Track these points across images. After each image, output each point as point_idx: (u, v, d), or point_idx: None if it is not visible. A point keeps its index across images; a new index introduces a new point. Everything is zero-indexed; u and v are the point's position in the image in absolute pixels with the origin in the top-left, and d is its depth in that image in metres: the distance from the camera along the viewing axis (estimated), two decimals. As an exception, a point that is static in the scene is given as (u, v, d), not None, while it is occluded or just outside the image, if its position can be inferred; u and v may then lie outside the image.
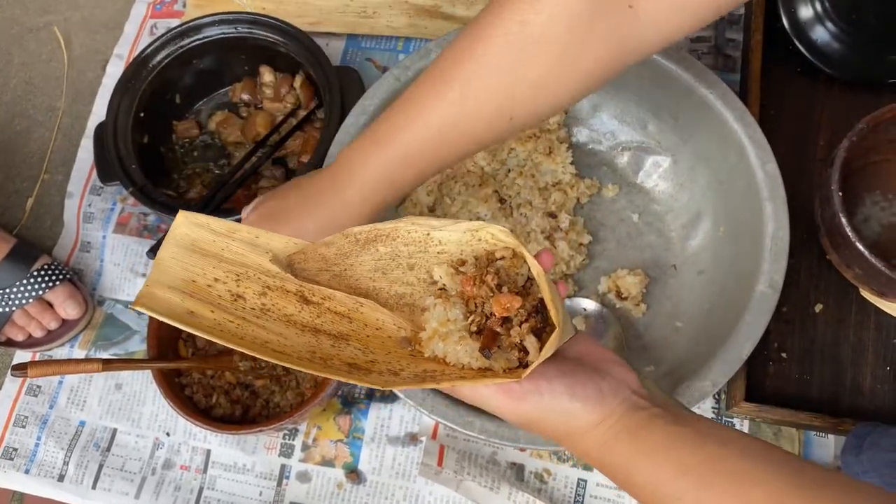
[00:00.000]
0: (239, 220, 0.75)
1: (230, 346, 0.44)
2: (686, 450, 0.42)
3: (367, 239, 0.47)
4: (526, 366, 0.43)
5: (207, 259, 0.48)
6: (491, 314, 0.44)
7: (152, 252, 0.71)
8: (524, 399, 0.42)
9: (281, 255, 0.48)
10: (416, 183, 0.56)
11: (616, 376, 0.45)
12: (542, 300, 0.44)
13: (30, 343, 0.82)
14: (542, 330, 0.44)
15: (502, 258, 0.45)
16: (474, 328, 0.44)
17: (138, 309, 0.44)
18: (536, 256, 0.43)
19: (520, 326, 0.43)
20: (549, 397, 0.43)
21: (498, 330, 0.44)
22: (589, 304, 0.76)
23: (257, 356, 0.44)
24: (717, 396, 0.77)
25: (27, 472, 0.79)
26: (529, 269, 0.45)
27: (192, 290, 0.46)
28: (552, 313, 0.42)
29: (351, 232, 0.47)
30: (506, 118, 0.52)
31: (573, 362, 0.45)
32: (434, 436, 0.77)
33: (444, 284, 0.46)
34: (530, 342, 0.43)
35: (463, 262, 0.46)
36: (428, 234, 0.46)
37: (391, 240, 0.47)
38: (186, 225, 0.48)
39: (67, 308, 0.81)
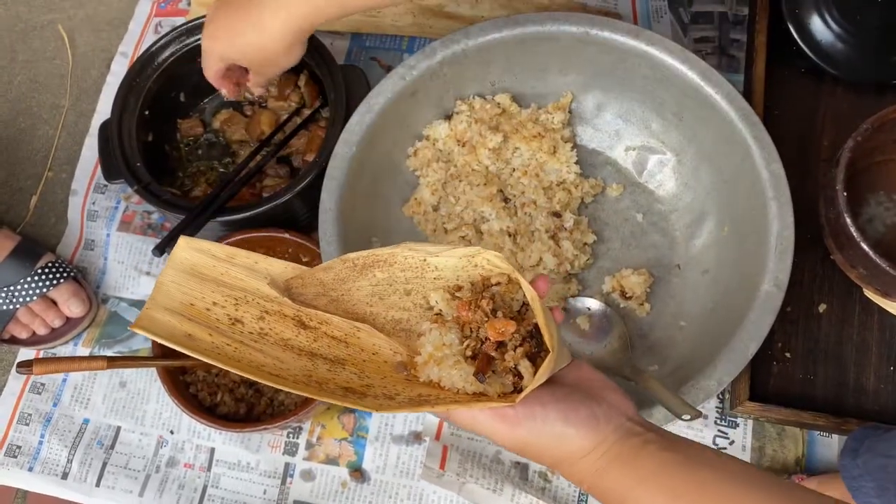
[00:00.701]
0: (244, 219, 0.75)
1: (227, 368, 0.45)
2: (678, 476, 0.42)
3: (364, 264, 0.48)
4: (520, 391, 0.43)
5: (206, 283, 0.48)
6: (486, 339, 0.45)
7: (158, 250, 0.71)
8: (518, 424, 0.43)
9: (279, 280, 0.49)
10: (338, 9, 0.64)
11: (611, 402, 0.45)
12: (536, 326, 0.45)
13: (33, 341, 0.82)
14: (537, 355, 0.45)
15: (498, 284, 0.46)
16: (469, 353, 0.45)
17: (137, 331, 0.45)
18: (531, 282, 0.44)
19: (514, 351, 0.44)
20: (543, 422, 0.43)
21: (493, 354, 0.44)
22: (593, 304, 0.76)
23: (254, 379, 0.45)
24: (720, 396, 0.77)
25: (31, 469, 0.79)
26: (524, 295, 0.45)
27: (191, 314, 0.47)
28: (546, 338, 0.42)
29: (349, 257, 0.48)
30: None
31: (568, 388, 0.45)
32: (438, 436, 0.77)
33: (441, 310, 0.47)
34: (524, 366, 0.43)
35: (459, 288, 0.47)
36: (424, 260, 0.47)
37: (388, 265, 0.48)
38: (187, 250, 0.49)
39: (71, 306, 0.81)
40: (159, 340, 0.45)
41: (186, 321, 0.46)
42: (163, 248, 0.72)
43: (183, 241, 0.49)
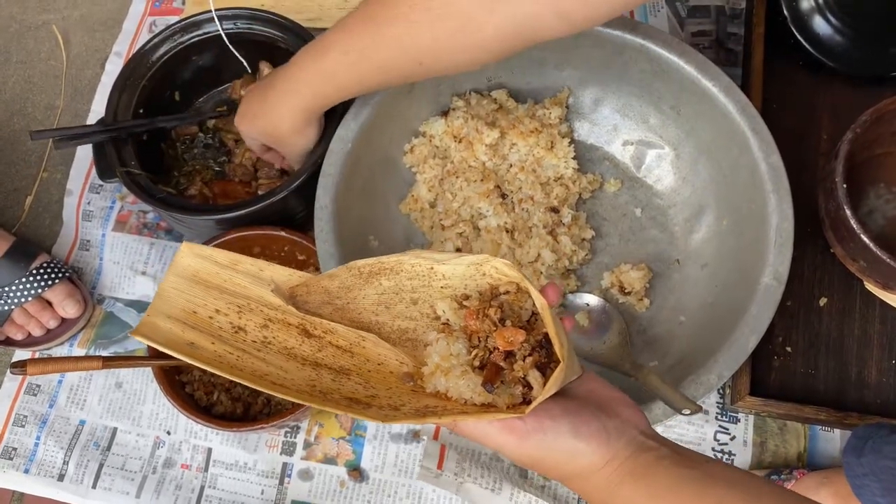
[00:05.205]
0: (240, 216, 0.74)
1: (229, 377, 0.44)
2: (692, 493, 0.41)
3: (370, 272, 0.47)
4: (529, 402, 0.42)
5: (209, 290, 0.48)
6: (494, 349, 0.43)
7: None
8: (528, 437, 0.42)
9: (283, 287, 0.48)
10: (340, 96, 0.68)
11: (623, 416, 0.44)
12: (546, 336, 0.44)
13: (29, 342, 0.82)
14: (547, 366, 0.43)
15: (506, 293, 0.45)
16: (477, 363, 0.44)
17: (139, 339, 0.45)
18: (541, 291, 0.42)
19: (523, 361, 0.43)
20: (553, 435, 0.42)
21: (501, 364, 0.43)
22: (592, 300, 0.76)
23: (256, 388, 0.44)
24: (721, 391, 0.77)
25: (27, 471, 0.79)
26: (534, 304, 0.44)
27: (194, 322, 0.47)
28: (556, 347, 0.41)
29: (355, 265, 0.47)
30: (415, 63, 0.60)
31: (579, 401, 0.44)
32: (436, 436, 0.77)
33: (448, 319, 0.46)
34: (534, 377, 0.42)
35: (466, 297, 0.46)
36: (432, 268, 0.46)
37: (395, 273, 0.47)
38: (189, 256, 0.48)
39: (66, 307, 0.81)
40: (161, 349, 0.44)
41: (189, 329, 0.46)
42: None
43: (185, 246, 0.48)
